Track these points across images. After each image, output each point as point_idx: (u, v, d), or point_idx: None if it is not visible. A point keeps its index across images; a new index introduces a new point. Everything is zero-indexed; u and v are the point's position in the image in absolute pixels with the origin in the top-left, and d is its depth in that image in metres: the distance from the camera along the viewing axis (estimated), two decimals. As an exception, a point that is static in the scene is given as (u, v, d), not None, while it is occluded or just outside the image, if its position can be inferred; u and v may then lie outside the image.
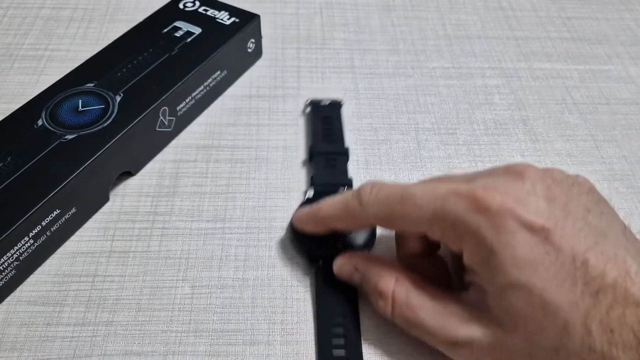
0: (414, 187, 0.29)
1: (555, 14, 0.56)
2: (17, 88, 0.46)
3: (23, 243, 0.33)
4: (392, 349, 0.32)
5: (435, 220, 0.28)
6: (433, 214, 0.28)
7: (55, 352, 0.31)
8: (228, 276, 0.35)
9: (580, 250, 0.25)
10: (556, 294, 0.25)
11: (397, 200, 0.29)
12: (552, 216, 0.26)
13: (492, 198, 0.26)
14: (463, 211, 0.27)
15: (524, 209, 0.26)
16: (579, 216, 0.26)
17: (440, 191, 0.28)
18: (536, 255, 0.25)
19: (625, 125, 0.45)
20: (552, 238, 0.25)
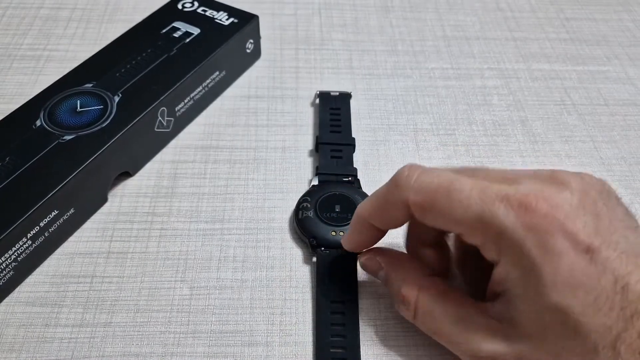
0: (461, 181, 0.27)
1: (554, 15, 0.56)
2: (15, 88, 0.46)
3: (21, 244, 0.33)
4: (390, 348, 0.32)
5: (479, 225, 0.26)
6: (479, 218, 0.26)
7: (54, 353, 0.31)
8: (226, 277, 0.35)
9: (622, 273, 0.24)
10: (593, 317, 0.24)
11: (443, 191, 0.27)
12: (599, 235, 0.25)
13: (545, 212, 0.25)
14: (512, 223, 0.25)
15: (574, 226, 0.25)
16: (620, 233, 0.25)
17: (490, 193, 0.26)
18: (579, 278, 0.24)
19: (624, 126, 0.45)
20: (597, 259, 0.24)
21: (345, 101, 0.45)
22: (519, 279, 0.26)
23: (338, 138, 0.42)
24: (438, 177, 0.27)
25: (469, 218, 0.26)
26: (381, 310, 0.33)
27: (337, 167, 0.39)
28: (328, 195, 0.37)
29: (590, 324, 0.24)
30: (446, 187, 0.27)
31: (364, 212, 0.30)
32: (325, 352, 0.31)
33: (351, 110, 0.45)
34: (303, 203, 0.37)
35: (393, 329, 0.33)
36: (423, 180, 0.27)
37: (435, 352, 0.32)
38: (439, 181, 0.27)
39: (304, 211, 0.37)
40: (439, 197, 0.27)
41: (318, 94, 0.45)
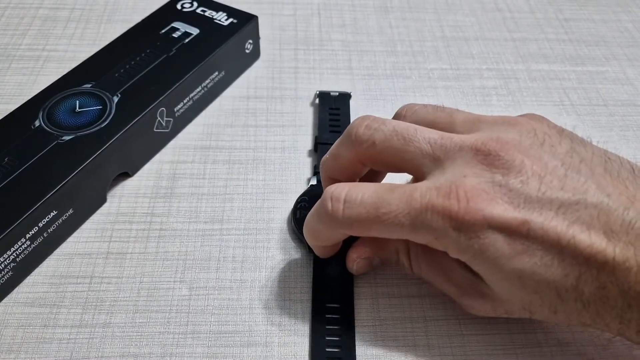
0: (387, 199, 0.28)
1: (553, 15, 0.56)
2: (14, 88, 0.46)
3: (20, 244, 0.33)
4: (387, 348, 0.32)
5: (417, 234, 0.28)
6: (413, 230, 0.27)
7: (52, 354, 0.31)
8: (226, 277, 0.35)
9: (562, 229, 0.25)
10: (545, 272, 0.26)
11: (372, 220, 0.28)
12: (530, 202, 0.26)
13: (466, 211, 0.26)
14: (442, 228, 0.26)
15: (499, 211, 0.26)
16: (557, 184, 0.26)
17: (415, 204, 0.27)
18: (520, 250, 0.26)
19: (623, 127, 0.45)
20: (533, 229, 0.25)
21: (345, 101, 0.45)
22: (470, 262, 0.28)
23: (337, 138, 0.41)
24: (363, 206, 0.28)
25: (406, 233, 0.28)
26: (379, 310, 0.33)
27: None
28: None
29: (545, 278, 0.26)
30: (375, 215, 0.28)
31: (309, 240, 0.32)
32: (321, 352, 0.31)
33: (350, 110, 0.45)
34: (301, 202, 0.37)
35: (391, 329, 0.33)
36: (350, 215, 0.28)
37: (433, 352, 0.32)
38: (366, 211, 0.28)
39: (301, 211, 0.37)
40: (373, 226, 0.28)
41: (318, 94, 0.45)
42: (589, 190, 0.26)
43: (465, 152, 0.28)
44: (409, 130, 0.29)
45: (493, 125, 0.29)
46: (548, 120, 0.30)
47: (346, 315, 0.33)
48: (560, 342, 0.32)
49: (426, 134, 0.29)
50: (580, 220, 0.25)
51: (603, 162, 0.28)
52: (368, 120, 0.31)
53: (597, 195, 0.26)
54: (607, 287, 0.25)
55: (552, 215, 0.26)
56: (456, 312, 0.33)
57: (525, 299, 0.27)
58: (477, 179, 0.27)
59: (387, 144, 0.29)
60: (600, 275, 0.25)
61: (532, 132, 0.29)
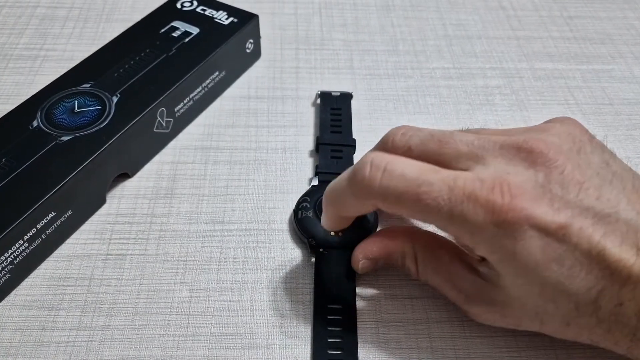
0: (429, 178, 0.27)
1: (557, 13, 0.56)
2: (11, 88, 0.45)
3: (18, 246, 0.32)
4: (390, 350, 0.31)
5: (450, 224, 0.27)
6: (449, 218, 0.27)
7: (51, 357, 0.31)
8: (226, 279, 0.34)
9: (596, 239, 0.25)
10: (570, 285, 0.25)
11: (411, 196, 0.27)
12: (569, 207, 0.26)
13: (509, 207, 0.25)
14: (482, 221, 0.26)
15: (540, 211, 0.25)
16: (593, 193, 0.26)
17: (458, 192, 0.26)
18: (551, 256, 0.25)
19: (629, 126, 0.45)
20: (569, 234, 0.25)
21: (346, 101, 0.44)
22: (496, 263, 0.27)
23: (338, 139, 0.41)
24: (404, 179, 0.27)
25: (440, 219, 0.27)
26: (383, 312, 0.33)
27: (337, 167, 0.39)
28: None
29: (569, 289, 0.25)
30: (414, 192, 0.27)
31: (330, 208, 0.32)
32: (323, 353, 0.31)
33: (352, 110, 0.44)
34: (303, 203, 0.37)
35: (394, 331, 0.32)
36: (388, 186, 0.27)
37: (436, 355, 0.31)
38: (405, 185, 0.27)
39: (303, 211, 0.36)
40: (408, 203, 0.27)
41: (319, 94, 0.45)
42: (620, 204, 0.26)
43: (506, 149, 0.27)
44: (445, 133, 0.29)
45: (528, 132, 0.29)
46: (580, 126, 0.30)
47: (348, 316, 0.32)
48: (567, 345, 0.31)
49: (463, 136, 0.29)
50: (613, 233, 0.25)
51: (631, 178, 0.28)
52: (404, 128, 0.30)
53: (627, 211, 0.26)
54: (625, 304, 0.25)
55: (589, 223, 0.25)
56: (460, 314, 0.33)
57: (541, 306, 0.27)
58: (521, 177, 0.26)
59: (423, 147, 0.29)
60: (621, 292, 0.25)
61: (569, 137, 0.28)
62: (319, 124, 0.43)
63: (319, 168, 0.39)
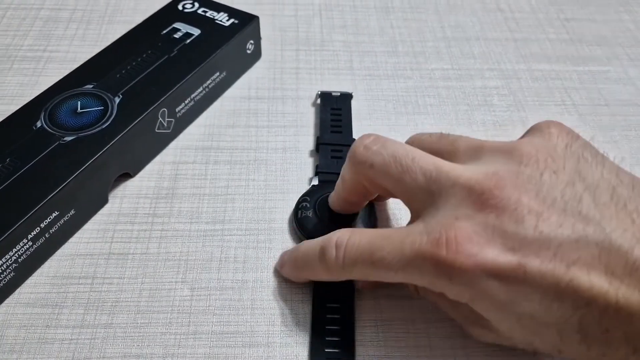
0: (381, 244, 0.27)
1: (554, 15, 0.56)
2: (15, 89, 0.46)
3: (22, 245, 0.33)
4: (388, 349, 0.32)
5: (410, 280, 0.27)
6: (405, 277, 0.27)
7: (54, 355, 0.31)
8: (227, 278, 0.35)
9: (561, 272, 0.24)
10: (546, 316, 0.24)
11: (367, 265, 0.28)
12: (523, 247, 0.24)
13: (454, 256, 0.25)
14: (433, 276, 0.26)
15: (490, 257, 0.24)
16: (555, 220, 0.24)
17: (407, 252, 0.26)
18: (516, 294, 0.25)
19: (625, 127, 0.45)
20: (530, 272, 0.24)
21: (346, 102, 0.45)
22: (468, 303, 0.27)
23: (339, 138, 0.42)
24: (360, 252, 0.28)
25: (400, 278, 0.27)
26: (382, 310, 0.33)
27: (337, 167, 0.39)
28: (327, 195, 0.37)
29: (545, 321, 0.25)
30: (369, 262, 0.28)
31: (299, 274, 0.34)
32: (320, 351, 0.31)
33: (352, 111, 0.44)
34: (302, 202, 0.37)
35: (393, 330, 0.33)
36: (348, 262, 0.29)
37: (435, 354, 0.32)
38: (362, 258, 0.28)
39: (303, 210, 0.37)
40: (368, 271, 0.28)
41: (319, 94, 0.45)
42: (589, 225, 0.24)
43: (458, 190, 0.26)
44: (407, 157, 0.29)
45: (494, 155, 0.28)
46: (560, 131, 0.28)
47: (346, 315, 0.33)
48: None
49: (423, 163, 0.28)
50: (581, 260, 0.24)
51: (611, 188, 0.25)
52: (368, 140, 0.30)
53: (598, 231, 0.24)
54: (611, 330, 0.23)
55: (550, 256, 0.24)
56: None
57: (528, 337, 0.26)
58: (469, 222, 0.25)
59: (385, 169, 0.29)
60: (602, 319, 0.23)
61: (533, 158, 0.27)
62: (319, 124, 0.43)
63: (319, 168, 0.40)
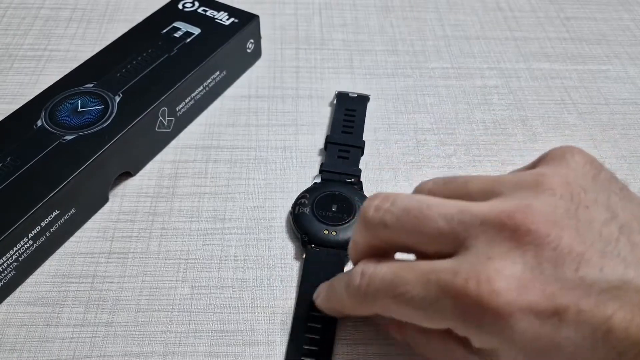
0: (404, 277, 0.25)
1: (554, 14, 0.56)
2: (16, 88, 0.46)
3: (22, 244, 0.33)
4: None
5: (433, 321, 0.25)
6: (428, 316, 0.25)
7: (55, 353, 0.31)
8: (227, 276, 0.35)
9: (600, 319, 0.22)
10: None
11: (390, 297, 0.25)
12: (565, 290, 0.22)
13: (488, 300, 0.22)
14: (460, 317, 0.23)
15: (529, 298, 0.22)
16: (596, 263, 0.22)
17: (431, 287, 0.24)
18: (549, 344, 0.23)
19: (624, 125, 0.45)
20: (567, 320, 0.22)
21: (362, 103, 0.45)
22: (492, 351, 0.24)
23: (348, 139, 0.41)
24: (383, 284, 0.26)
25: (422, 317, 0.25)
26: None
27: (341, 166, 0.40)
28: (327, 194, 0.37)
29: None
30: (392, 294, 0.25)
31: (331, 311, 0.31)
32: (298, 348, 0.31)
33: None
34: (301, 199, 0.37)
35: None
36: (371, 292, 0.26)
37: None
38: (384, 288, 0.26)
39: (301, 207, 0.37)
40: (390, 306, 0.26)
41: (336, 94, 0.45)
42: (629, 270, 0.22)
43: (488, 227, 0.24)
44: (422, 207, 0.26)
45: (517, 189, 0.25)
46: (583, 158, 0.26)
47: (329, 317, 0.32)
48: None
49: (441, 208, 0.25)
50: (622, 308, 0.22)
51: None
52: (377, 200, 0.27)
53: (638, 276, 0.22)
54: None
55: (592, 303, 0.22)
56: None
57: None
58: (504, 262, 0.23)
59: (399, 225, 0.26)
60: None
61: (566, 192, 0.24)
62: (332, 123, 0.43)
63: (324, 167, 0.40)
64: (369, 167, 0.41)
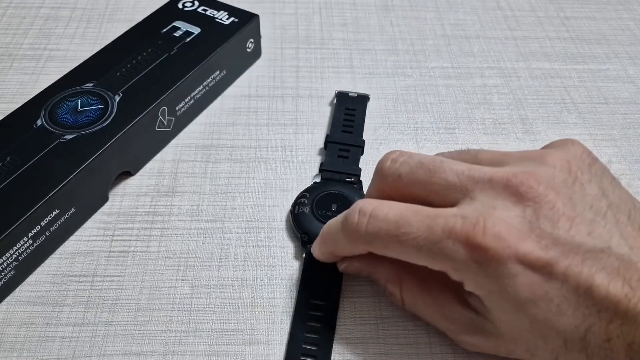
0: (409, 219, 0.27)
1: (554, 13, 0.56)
2: (16, 88, 0.46)
3: (22, 243, 0.33)
4: (388, 343, 0.32)
5: (433, 261, 0.27)
6: (431, 256, 0.27)
7: (55, 353, 0.31)
8: (227, 276, 0.35)
9: (584, 277, 0.25)
10: (558, 321, 0.25)
11: (392, 238, 0.27)
12: (558, 244, 0.25)
13: (490, 242, 0.25)
14: (463, 258, 0.26)
15: (525, 248, 0.25)
16: (584, 229, 0.25)
17: (437, 230, 0.26)
18: (538, 293, 0.25)
19: (624, 125, 0.45)
20: (556, 272, 0.25)
21: (362, 103, 0.45)
22: (484, 297, 0.27)
23: (348, 138, 0.41)
24: (386, 222, 0.28)
25: (422, 257, 0.27)
26: (381, 308, 0.34)
27: (341, 166, 0.40)
28: (327, 194, 0.37)
29: (556, 326, 0.25)
30: (394, 234, 0.27)
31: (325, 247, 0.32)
32: (297, 348, 0.31)
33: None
34: (301, 199, 0.37)
35: (393, 327, 0.33)
36: (373, 231, 0.28)
37: (434, 350, 0.32)
38: (387, 228, 0.27)
39: (300, 206, 0.37)
40: (390, 245, 0.28)
41: (336, 94, 0.45)
42: (613, 239, 0.25)
43: (495, 183, 0.27)
44: (435, 162, 0.29)
45: (521, 161, 0.28)
46: (582, 150, 0.29)
47: (329, 313, 0.33)
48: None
49: (453, 165, 0.28)
50: (603, 269, 0.25)
51: (628, 210, 0.27)
52: (394, 154, 0.30)
53: (620, 246, 0.25)
54: (613, 339, 0.24)
55: (578, 260, 0.25)
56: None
57: (531, 342, 0.27)
58: (508, 212, 0.26)
59: (413, 176, 0.29)
60: (609, 328, 0.24)
61: (565, 166, 0.27)
62: (332, 122, 0.43)
63: (324, 166, 0.40)
64: (369, 167, 0.41)
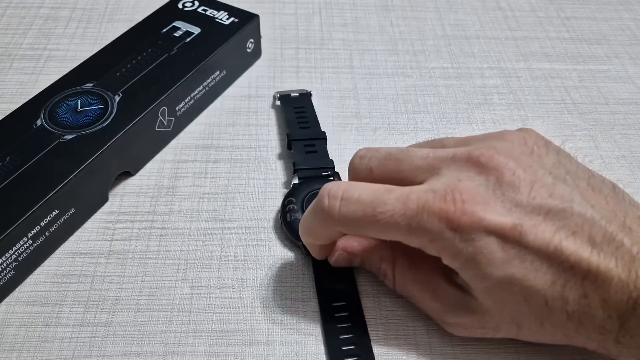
0: (384, 198, 0.28)
1: (554, 14, 0.56)
2: (15, 88, 0.46)
3: (22, 243, 0.33)
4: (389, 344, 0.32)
5: (411, 235, 0.28)
6: (408, 231, 0.28)
7: (54, 353, 0.31)
8: (227, 276, 0.35)
9: (549, 235, 0.26)
10: (534, 279, 0.26)
11: (369, 219, 0.28)
12: (521, 207, 0.27)
13: (462, 212, 0.26)
14: (438, 229, 0.27)
15: (492, 214, 0.26)
16: (545, 191, 0.27)
17: (412, 205, 0.27)
18: (510, 255, 0.26)
19: (625, 125, 0.45)
20: (524, 234, 0.26)
21: (306, 100, 0.45)
22: (462, 269, 0.28)
23: (309, 133, 0.41)
24: (360, 204, 0.28)
25: (401, 234, 0.28)
26: (381, 308, 0.34)
27: (313, 162, 0.39)
28: (313, 193, 0.37)
29: (534, 285, 0.26)
30: (371, 214, 0.28)
31: (305, 238, 0.32)
32: (337, 350, 0.31)
33: (352, 109, 0.44)
34: (289, 205, 0.37)
35: (393, 327, 0.33)
36: (347, 213, 0.28)
37: (434, 351, 0.32)
38: (362, 209, 0.28)
39: (292, 213, 0.36)
40: (367, 225, 0.28)
41: (278, 96, 0.45)
42: (574, 199, 0.27)
43: (458, 158, 0.29)
44: (402, 151, 0.31)
45: (483, 139, 0.30)
46: (536, 133, 0.31)
47: (354, 312, 0.33)
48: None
49: (419, 151, 0.30)
50: (567, 227, 0.26)
51: (587, 177, 0.29)
52: (362, 151, 0.32)
53: (582, 205, 0.27)
54: (590, 296, 0.26)
55: (541, 220, 0.26)
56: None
57: (514, 309, 0.28)
58: (472, 182, 0.27)
59: (383, 167, 0.30)
60: (584, 284, 0.26)
61: (522, 141, 0.30)
62: (286, 123, 0.43)
63: (297, 165, 0.39)
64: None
